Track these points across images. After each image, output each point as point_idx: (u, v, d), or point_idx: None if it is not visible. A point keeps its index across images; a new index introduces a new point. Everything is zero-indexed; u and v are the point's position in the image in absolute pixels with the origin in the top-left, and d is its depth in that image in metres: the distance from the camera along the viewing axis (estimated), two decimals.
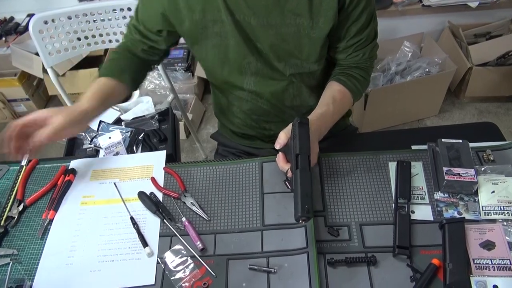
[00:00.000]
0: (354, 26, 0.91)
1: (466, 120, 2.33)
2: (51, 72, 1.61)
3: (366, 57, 0.98)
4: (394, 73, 2.21)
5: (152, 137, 1.35)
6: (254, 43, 0.93)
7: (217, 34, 0.92)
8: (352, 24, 0.90)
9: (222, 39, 0.92)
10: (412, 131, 1.75)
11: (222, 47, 0.94)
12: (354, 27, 0.91)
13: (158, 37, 1.00)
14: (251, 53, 0.94)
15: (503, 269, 0.76)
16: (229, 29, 0.90)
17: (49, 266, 0.87)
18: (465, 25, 2.29)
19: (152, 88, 2.39)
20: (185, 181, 0.98)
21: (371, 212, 0.88)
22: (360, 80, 1.00)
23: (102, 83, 0.98)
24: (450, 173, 0.87)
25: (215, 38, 0.93)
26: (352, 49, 0.96)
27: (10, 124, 0.85)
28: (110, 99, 0.99)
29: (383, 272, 0.79)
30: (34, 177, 1.04)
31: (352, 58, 0.98)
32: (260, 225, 0.88)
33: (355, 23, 0.90)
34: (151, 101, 1.55)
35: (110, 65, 1.03)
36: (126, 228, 0.91)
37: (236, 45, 0.92)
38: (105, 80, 0.99)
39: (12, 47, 2.30)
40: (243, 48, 0.93)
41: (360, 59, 0.98)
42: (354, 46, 0.95)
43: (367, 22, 0.91)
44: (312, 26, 0.88)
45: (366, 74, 1.02)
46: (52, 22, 1.48)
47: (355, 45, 0.95)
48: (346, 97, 0.98)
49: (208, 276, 0.81)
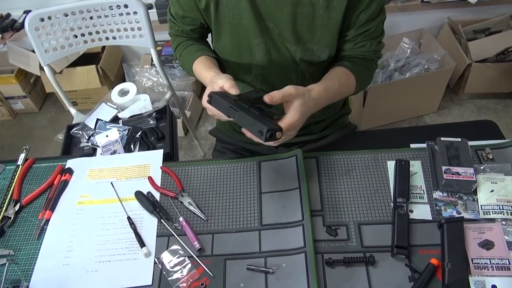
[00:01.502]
0: (364, 14, 0.91)
1: (465, 116, 2.32)
2: (47, 69, 1.60)
3: (372, 49, 0.98)
4: (393, 69, 2.20)
5: (150, 135, 1.34)
6: (266, 23, 0.92)
7: (230, 11, 0.92)
8: (362, 11, 0.90)
9: (235, 16, 0.92)
10: (411, 129, 1.74)
11: (234, 25, 0.94)
12: (364, 15, 0.91)
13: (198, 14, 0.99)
14: (261, 33, 0.93)
15: (502, 269, 0.76)
16: (243, 6, 0.89)
17: (45, 267, 0.86)
18: (465, 21, 2.28)
19: (150, 86, 2.38)
20: (183, 181, 0.98)
21: (370, 211, 0.87)
22: (365, 70, 1.00)
23: (209, 60, 0.98)
24: (449, 172, 0.87)
25: (228, 15, 0.92)
26: (360, 38, 0.96)
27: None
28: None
29: (381, 272, 0.78)
30: (31, 177, 1.04)
31: (358, 48, 0.98)
32: (258, 225, 0.88)
33: (365, 11, 0.90)
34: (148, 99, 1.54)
35: (190, 51, 1.03)
36: (123, 228, 0.91)
37: (248, 24, 0.92)
38: (206, 58, 0.99)
39: (9, 44, 2.28)
40: (254, 28, 0.92)
41: (367, 50, 0.98)
42: (362, 35, 0.95)
43: (377, 12, 0.92)
44: (327, 6, 0.88)
45: (370, 66, 1.02)
46: (49, 19, 1.47)
47: (363, 34, 0.95)
48: (350, 80, 0.98)
49: (206, 277, 0.81)
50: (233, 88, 0.80)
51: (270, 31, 0.93)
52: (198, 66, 0.99)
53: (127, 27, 1.56)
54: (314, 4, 0.88)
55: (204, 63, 0.98)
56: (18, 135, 2.56)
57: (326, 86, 0.90)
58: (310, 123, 1.15)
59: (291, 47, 0.95)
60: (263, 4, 0.89)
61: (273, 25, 0.92)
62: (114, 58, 2.56)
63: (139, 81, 2.40)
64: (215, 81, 0.83)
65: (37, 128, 2.58)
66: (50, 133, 2.51)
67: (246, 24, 0.92)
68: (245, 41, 0.96)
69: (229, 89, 0.80)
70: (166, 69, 2.38)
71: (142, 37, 1.57)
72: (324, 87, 0.89)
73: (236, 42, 0.97)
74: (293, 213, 0.87)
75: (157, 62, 1.71)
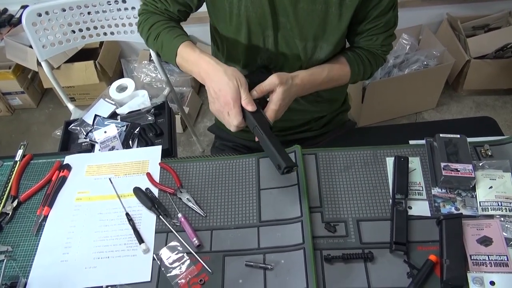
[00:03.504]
0: (374, 10, 0.91)
1: (463, 113, 2.32)
2: (45, 65, 1.59)
3: (378, 43, 0.98)
4: (392, 66, 2.20)
5: (148, 131, 1.34)
6: (278, 17, 0.91)
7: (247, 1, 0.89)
8: (373, 8, 0.90)
9: (251, 6, 0.89)
10: (410, 126, 1.74)
11: (248, 15, 0.91)
12: (375, 11, 0.91)
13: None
14: (273, 26, 0.92)
15: (500, 265, 0.76)
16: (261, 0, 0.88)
17: (44, 263, 0.86)
18: (464, 17, 2.27)
19: (148, 82, 2.37)
20: (181, 177, 0.97)
21: (368, 208, 0.87)
22: (365, 62, 1.01)
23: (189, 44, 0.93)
24: (447, 169, 0.87)
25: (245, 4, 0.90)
26: (366, 33, 0.97)
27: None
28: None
29: (380, 269, 0.78)
30: (28, 173, 1.03)
31: (364, 42, 0.99)
32: (256, 221, 0.88)
33: (376, 6, 0.90)
34: (147, 95, 1.53)
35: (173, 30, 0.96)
36: (122, 224, 0.90)
37: (261, 16, 0.91)
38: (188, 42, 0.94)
39: (6, 39, 2.27)
40: (268, 20, 0.91)
41: (373, 43, 0.99)
42: (370, 30, 0.96)
43: (388, 8, 0.91)
44: (340, 3, 0.87)
45: (373, 59, 1.02)
46: (46, 14, 1.46)
47: (371, 30, 0.96)
48: (344, 70, 0.99)
49: (204, 273, 0.81)
50: (250, 105, 0.83)
51: (282, 25, 0.93)
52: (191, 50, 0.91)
53: (125, 22, 1.56)
54: (328, 1, 0.87)
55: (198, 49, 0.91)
56: (15, 131, 2.55)
57: (312, 73, 0.95)
58: (310, 120, 1.15)
59: (299, 43, 0.95)
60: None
61: (286, 19, 0.91)
62: (112, 53, 2.55)
63: (137, 77, 2.39)
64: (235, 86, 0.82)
65: (35, 124, 2.57)
66: (48, 129, 2.50)
67: (260, 16, 0.91)
68: (256, 31, 0.94)
69: (246, 106, 0.83)
70: (165, 65, 2.37)
71: None
72: (309, 74, 0.94)
73: (247, 31, 0.95)
74: (292, 210, 0.87)
75: (156, 57, 1.71)
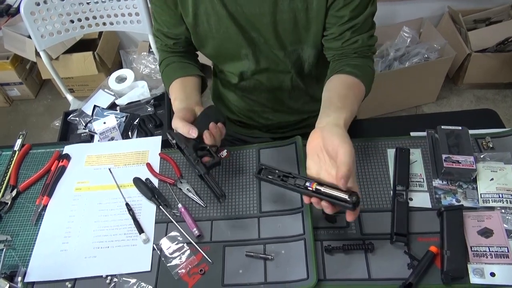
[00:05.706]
0: (346, 9, 0.85)
1: (463, 107, 2.32)
2: (44, 55, 1.58)
3: (365, 44, 0.91)
4: (393, 59, 2.19)
5: (148, 122, 1.34)
6: (250, 34, 0.91)
7: (214, 25, 0.90)
8: (344, 6, 0.85)
9: (218, 31, 0.90)
10: (411, 118, 1.74)
11: (220, 38, 0.92)
12: (347, 10, 0.85)
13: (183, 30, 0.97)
14: (247, 44, 0.92)
15: (501, 257, 0.76)
16: (225, 21, 0.88)
17: (43, 253, 0.86)
18: (465, 10, 2.26)
19: (147, 73, 2.36)
20: (181, 167, 0.97)
21: (369, 199, 0.87)
22: (368, 71, 0.93)
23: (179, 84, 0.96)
24: (449, 160, 0.86)
25: (212, 30, 0.91)
26: (349, 35, 0.89)
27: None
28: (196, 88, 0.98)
29: (380, 259, 0.78)
30: (28, 163, 1.03)
31: (349, 45, 0.90)
32: (257, 211, 0.87)
33: (348, 5, 0.84)
34: (146, 86, 1.53)
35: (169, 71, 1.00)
36: (122, 214, 0.90)
37: (233, 36, 0.90)
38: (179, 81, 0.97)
39: (4, 29, 2.25)
40: (239, 39, 0.91)
41: (360, 46, 0.90)
42: (350, 30, 0.88)
43: (363, 6, 0.85)
44: (307, 8, 0.85)
45: (371, 64, 0.94)
46: (44, 3, 1.44)
47: (351, 30, 0.88)
48: (361, 91, 0.92)
49: (205, 263, 0.81)
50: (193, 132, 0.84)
51: (256, 41, 0.92)
52: (172, 91, 0.97)
53: (124, 12, 1.54)
54: (293, 9, 0.85)
55: (176, 89, 0.96)
56: (14, 122, 2.54)
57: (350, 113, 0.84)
58: (309, 116, 1.14)
59: (278, 53, 0.94)
60: (242, 16, 0.87)
61: (257, 34, 0.90)
62: (111, 44, 2.53)
63: (137, 68, 2.38)
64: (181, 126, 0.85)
65: (33, 115, 2.56)
66: (46, 120, 2.49)
67: (231, 36, 0.90)
68: (233, 51, 0.94)
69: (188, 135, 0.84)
70: None
71: (140, 23, 1.55)
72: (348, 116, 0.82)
73: (223, 52, 0.96)
74: (292, 200, 0.87)
75: (155, 49, 1.69)
